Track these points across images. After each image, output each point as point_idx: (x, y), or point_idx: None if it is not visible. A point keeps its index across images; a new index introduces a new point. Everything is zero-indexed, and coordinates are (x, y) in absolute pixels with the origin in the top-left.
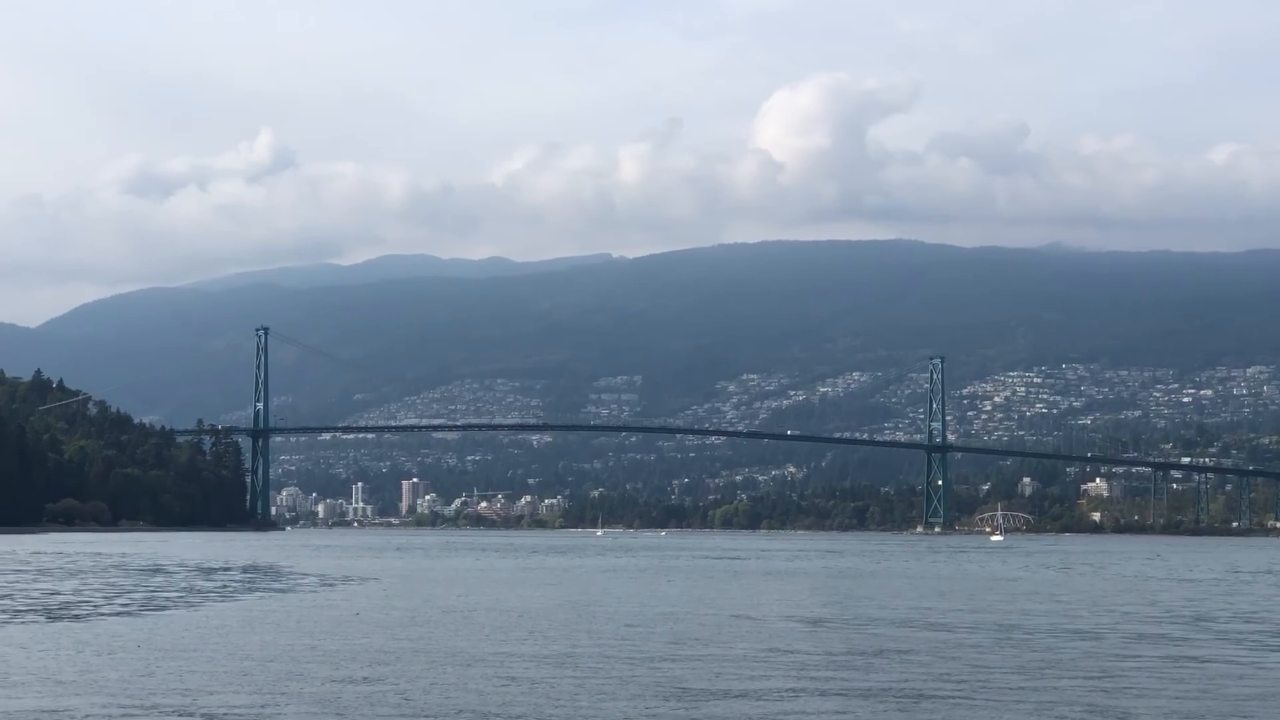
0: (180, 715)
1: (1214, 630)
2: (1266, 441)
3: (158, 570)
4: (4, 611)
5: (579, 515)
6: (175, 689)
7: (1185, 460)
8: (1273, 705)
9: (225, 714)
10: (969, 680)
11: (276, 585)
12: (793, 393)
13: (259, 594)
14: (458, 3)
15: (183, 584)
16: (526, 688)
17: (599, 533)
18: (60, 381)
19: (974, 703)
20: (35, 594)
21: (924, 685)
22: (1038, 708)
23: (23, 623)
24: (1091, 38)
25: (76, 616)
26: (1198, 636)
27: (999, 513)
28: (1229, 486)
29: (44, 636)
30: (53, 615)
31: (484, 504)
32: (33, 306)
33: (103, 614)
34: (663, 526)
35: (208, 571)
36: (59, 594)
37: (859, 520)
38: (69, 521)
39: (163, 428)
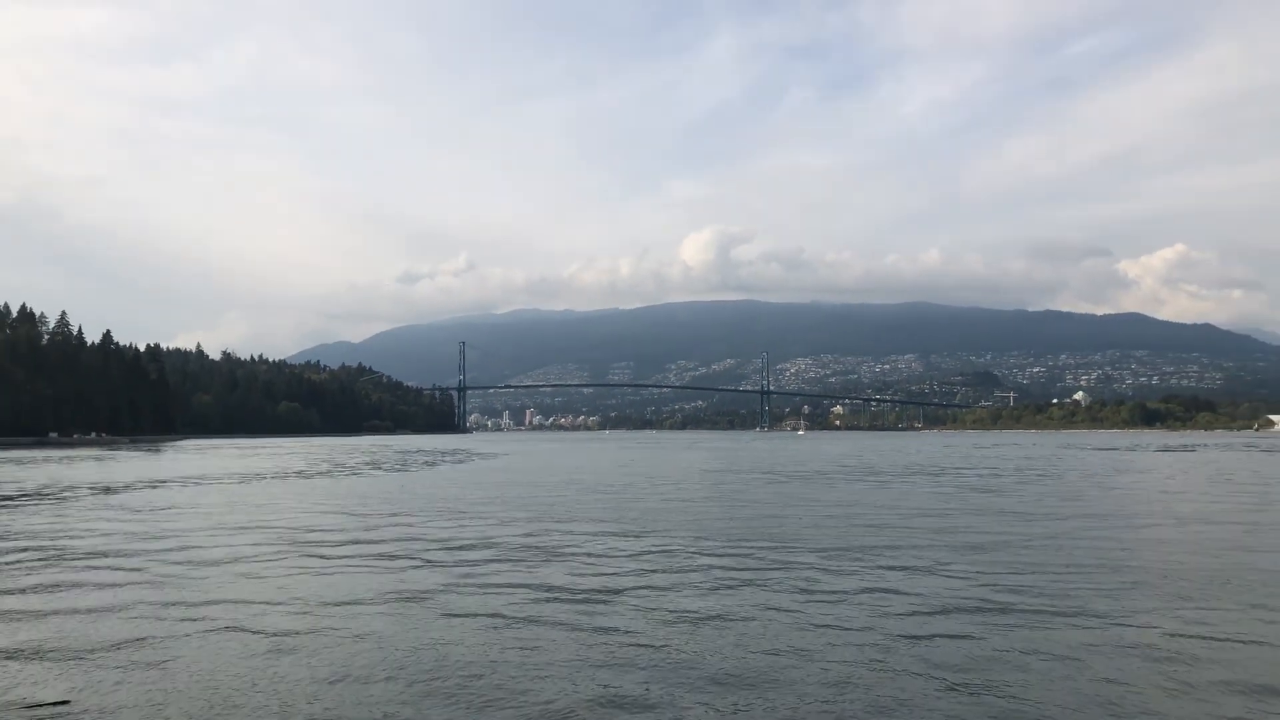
0: (495, 493)
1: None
2: (914, 388)
3: (437, 451)
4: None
5: (605, 425)
6: (485, 493)
7: (877, 397)
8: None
9: (517, 509)
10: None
11: (491, 455)
12: (700, 369)
13: (482, 459)
14: (557, 183)
15: (449, 456)
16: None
17: (607, 433)
18: (370, 367)
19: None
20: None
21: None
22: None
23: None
24: (834, 206)
25: (413, 468)
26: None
27: (802, 422)
28: (897, 409)
29: (421, 477)
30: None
31: (563, 420)
32: (357, 332)
33: (424, 467)
34: (643, 430)
35: (450, 452)
36: (415, 459)
37: (731, 425)
38: (374, 431)
39: (418, 387)
